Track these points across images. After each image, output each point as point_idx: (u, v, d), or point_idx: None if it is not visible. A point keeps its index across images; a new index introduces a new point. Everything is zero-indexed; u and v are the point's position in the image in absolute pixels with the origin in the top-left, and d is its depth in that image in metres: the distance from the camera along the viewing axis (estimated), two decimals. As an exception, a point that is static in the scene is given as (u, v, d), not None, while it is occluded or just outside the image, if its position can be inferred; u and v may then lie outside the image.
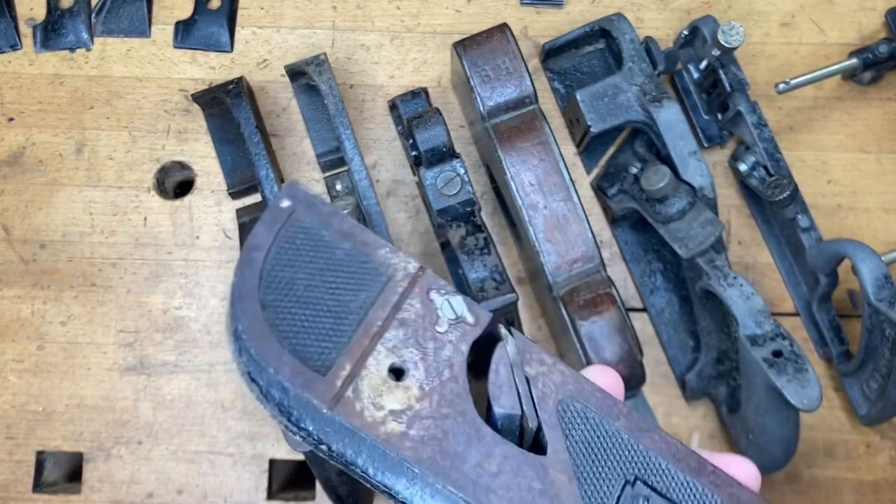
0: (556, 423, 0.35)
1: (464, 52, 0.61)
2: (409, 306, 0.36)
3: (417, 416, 0.33)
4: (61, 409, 0.65)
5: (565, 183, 0.59)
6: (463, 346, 0.35)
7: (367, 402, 0.33)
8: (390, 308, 0.35)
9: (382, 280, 0.36)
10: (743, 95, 0.65)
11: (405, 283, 0.36)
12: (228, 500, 0.64)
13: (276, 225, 0.36)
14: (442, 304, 0.36)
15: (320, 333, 0.34)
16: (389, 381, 0.34)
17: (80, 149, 0.69)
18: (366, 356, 0.34)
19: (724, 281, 0.57)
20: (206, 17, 0.71)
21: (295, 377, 0.33)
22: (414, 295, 0.36)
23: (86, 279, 0.67)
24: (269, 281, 0.35)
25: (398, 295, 0.36)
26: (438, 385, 0.34)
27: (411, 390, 0.34)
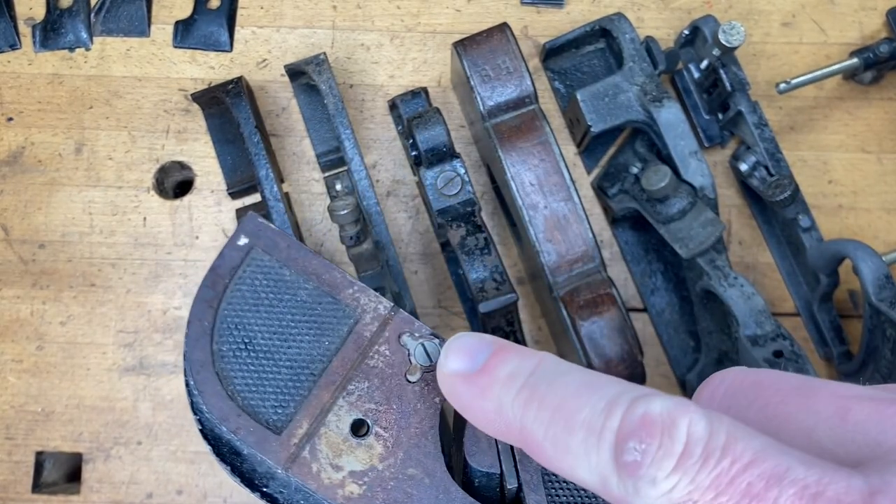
0: (538, 483, 0.32)
1: (464, 51, 0.61)
2: (378, 353, 0.33)
3: (380, 477, 0.31)
4: (60, 410, 0.65)
5: (566, 183, 0.59)
6: (436, 398, 0.32)
7: (325, 462, 0.31)
8: (356, 355, 0.32)
9: (349, 323, 0.33)
10: (744, 95, 0.65)
11: (374, 326, 0.33)
12: (228, 501, 0.64)
13: (234, 265, 0.33)
14: (416, 348, 0.33)
15: (277, 386, 0.32)
16: (351, 438, 0.31)
17: (79, 149, 0.69)
18: (326, 411, 0.31)
19: (724, 281, 0.57)
20: (205, 17, 0.71)
21: (248, 436, 0.31)
22: (383, 340, 0.33)
23: (85, 279, 0.67)
24: (223, 328, 0.32)
25: (366, 341, 0.33)
26: (405, 441, 0.31)
27: (374, 449, 0.31)
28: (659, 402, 0.25)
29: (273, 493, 0.32)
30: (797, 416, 0.29)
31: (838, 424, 0.28)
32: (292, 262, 0.34)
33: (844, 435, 0.28)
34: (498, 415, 0.28)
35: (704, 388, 0.32)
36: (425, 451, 0.31)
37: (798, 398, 0.29)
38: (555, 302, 0.58)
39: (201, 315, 0.32)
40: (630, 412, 0.25)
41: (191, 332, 0.32)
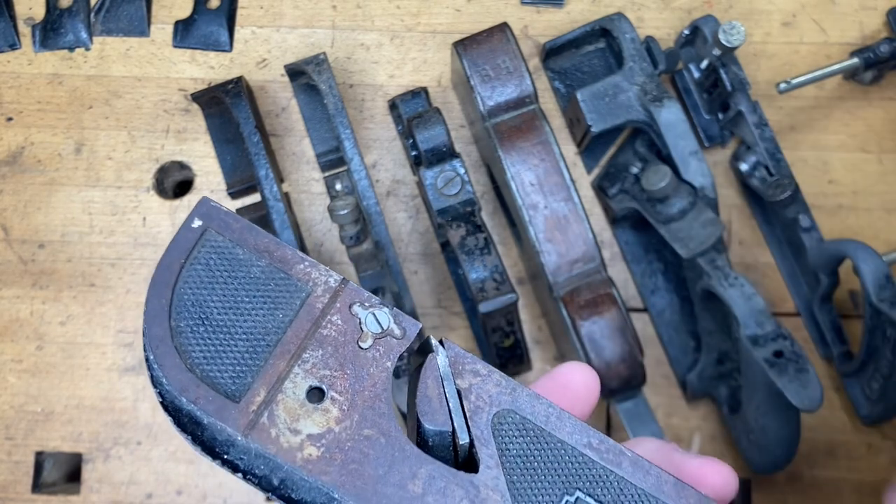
0: (489, 437, 0.33)
1: (464, 51, 0.61)
2: (330, 323, 0.34)
3: (337, 438, 0.32)
4: (60, 410, 0.65)
5: (566, 183, 0.59)
6: (387, 362, 0.34)
7: (283, 427, 0.32)
8: (309, 326, 0.34)
9: (301, 296, 0.34)
10: (744, 95, 0.64)
11: (325, 297, 0.34)
12: (228, 501, 0.64)
13: (188, 245, 0.34)
14: (366, 317, 0.34)
15: (234, 357, 0.33)
16: (307, 404, 0.33)
17: (78, 148, 0.69)
18: (282, 379, 0.33)
19: (724, 281, 0.57)
20: (205, 17, 0.71)
21: (207, 405, 0.32)
22: (335, 310, 0.34)
23: (85, 279, 0.67)
24: (181, 305, 0.34)
25: (318, 311, 0.34)
26: (360, 403, 0.33)
27: (330, 412, 0.33)
28: None
29: (234, 459, 0.34)
30: None
31: None
32: (244, 241, 0.35)
33: None
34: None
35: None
36: (380, 413, 0.33)
37: None
38: (555, 302, 0.58)
39: (159, 293, 0.34)
40: None
41: (149, 309, 0.33)
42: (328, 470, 0.32)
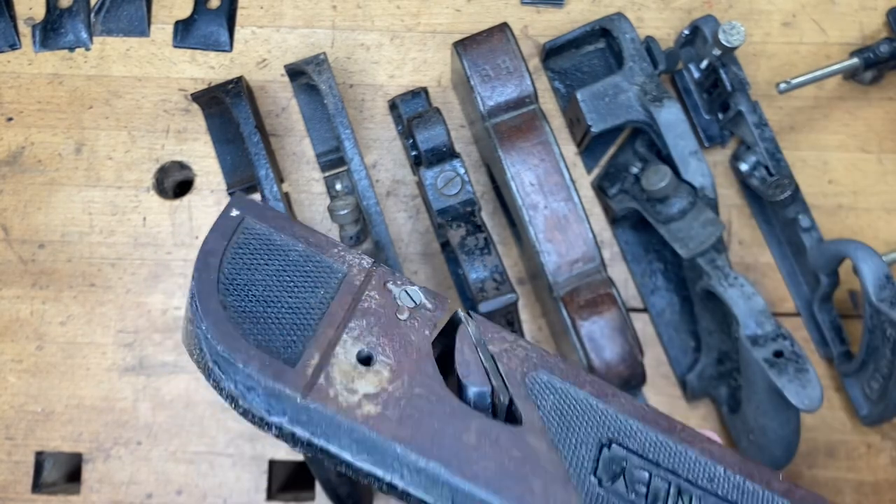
0: (525, 394, 0.36)
1: (464, 51, 0.61)
2: (369, 297, 0.37)
3: (391, 397, 0.34)
4: (60, 410, 0.65)
5: (566, 183, 0.59)
6: (426, 331, 0.36)
7: (340, 387, 0.34)
8: (350, 300, 0.36)
9: (339, 276, 0.37)
10: (744, 95, 0.64)
11: (361, 276, 0.37)
12: (228, 501, 0.64)
13: (228, 232, 0.37)
14: (399, 293, 0.37)
15: (284, 328, 0.35)
16: (360, 366, 0.34)
17: (79, 148, 0.69)
18: (333, 345, 0.35)
19: (724, 281, 0.57)
20: (205, 17, 0.71)
21: (264, 369, 0.33)
22: (372, 287, 0.37)
23: (85, 279, 0.67)
24: (228, 284, 0.36)
25: (356, 288, 0.37)
26: (408, 367, 0.35)
27: (382, 374, 0.34)
28: None
29: (289, 426, 0.34)
30: None
31: None
32: (281, 228, 0.38)
33: None
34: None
35: None
36: (427, 374, 0.35)
37: None
38: (555, 302, 0.58)
39: (206, 274, 0.36)
40: None
41: (199, 287, 0.35)
42: (388, 425, 0.33)
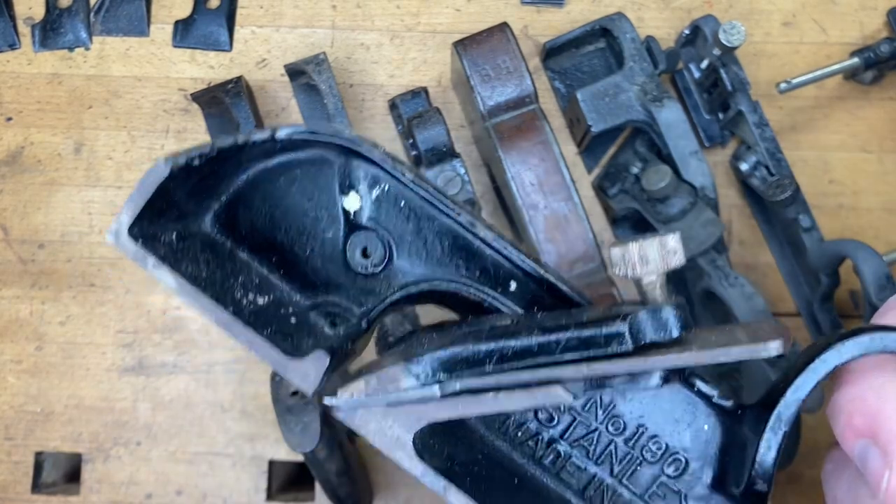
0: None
1: (464, 51, 0.61)
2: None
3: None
4: (60, 410, 0.65)
5: (566, 183, 0.59)
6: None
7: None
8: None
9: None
10: (744, 95, 0.64)
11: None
12: (228, 501, 0.64)
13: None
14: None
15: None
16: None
17: (78, 148, 0.69)
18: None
19: (725, 281, 0.57)
20: (205, 17, 0.71)
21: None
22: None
23: (84, 279, 0.67)
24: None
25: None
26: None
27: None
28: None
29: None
30: None
31: None
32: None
33: None
34: None
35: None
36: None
37: None
38: (555, 302, 0.58)
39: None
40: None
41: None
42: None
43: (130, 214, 0.31)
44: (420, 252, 0.36)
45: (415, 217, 0.35)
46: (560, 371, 0.31)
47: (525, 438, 0.35)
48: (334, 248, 0.36)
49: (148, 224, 0.32)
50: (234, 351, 0.66)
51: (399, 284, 0.36)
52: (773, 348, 0.30)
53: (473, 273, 0.35)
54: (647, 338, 0.31)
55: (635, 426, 0.35)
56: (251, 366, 0.65)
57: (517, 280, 0.35)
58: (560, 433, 0.35)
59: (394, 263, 0.36)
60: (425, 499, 0.65)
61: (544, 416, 0.35)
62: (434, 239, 0.36)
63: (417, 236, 0.36)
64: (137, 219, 0.31)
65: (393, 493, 0.65)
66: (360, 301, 0.36)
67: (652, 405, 0.35)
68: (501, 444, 0.34)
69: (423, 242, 0.36)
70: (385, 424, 0.33)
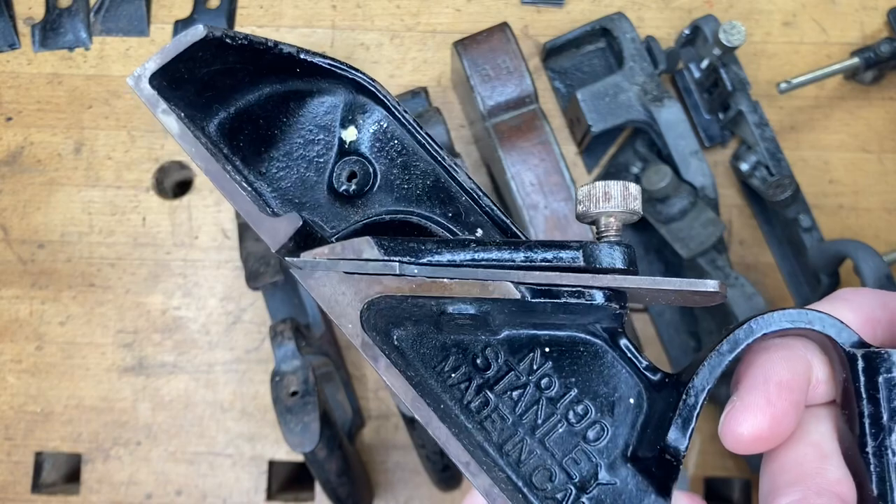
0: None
1: (464, 51, 0.61)
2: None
3: None
4: (60, 410, 0.65)
5: (566, 183, 0.59)
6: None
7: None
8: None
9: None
10: (744, 95, 0.64)
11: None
12: (228, 501, 0.64)
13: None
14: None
15: None
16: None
17: (78, 148, 0.69)
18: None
19: (725, 281, 0.57)
20: (204, 16, 0.71)
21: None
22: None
23: (84, 279, 0.67)
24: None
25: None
26: None
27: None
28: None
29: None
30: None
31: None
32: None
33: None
34: None
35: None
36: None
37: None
38: (555, 302, 0.58)
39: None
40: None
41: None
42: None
43: (157, 62, 0.34)
44: (401, 187, 0.38)
45: (404, 155, 0.38)
46: (514, 273, 0.33)
47: (457, 381, 0.36)
48: (322, 169, 0.38)
49: (166, 86, 0.34)
50: (233, 351, 0.66)
51: (374, 213, 0.39)
52: (711, 286, 0.32)
53: (446, 214, 0.38)
54: (597, 263, 0.33)
55: (564, 385, 0.35)
56: (251, 366, 0.65)
57: (484, 228, 0.37)
58: (491, 381, 0.36)
59: (373, 192, 0.39)
60: (425, 499, 0.65)
61: (481, 362, 0.35)
62: (417, 177, 0.38)
63: (402, 172, 0.38)
64: (159, 71, 0.34)
65: (393, 493, 0.65)
66: (333, 224, 0.39)
67: (583, 369, 0.36)
68: (434, 383, 0.35)
69: (405, 178, 0.38)
70: (338, 290, 0.35)
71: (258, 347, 0.66)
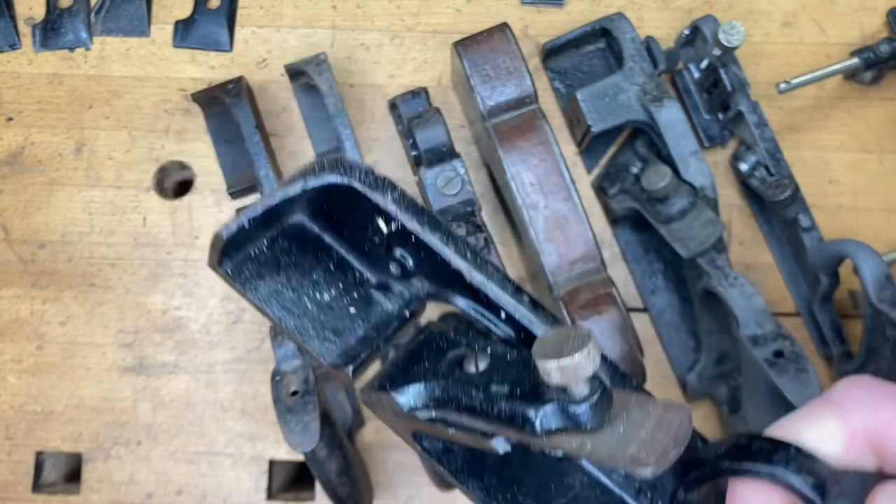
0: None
1: (464, 51, 0.61)
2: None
3: None
4: (60, 410, 0.65)
5: (566, 183, 0.59)
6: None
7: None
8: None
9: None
10: (744, 95, 0.64)
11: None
12: (228, 501, 0.64)
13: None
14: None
15: None
16: None
17: (79, 148, 0.69)
18: None
19: (725, 281, 0.57)
20: (205, 17, 0.71)
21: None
22: None
23: (85, 279, 0.67)
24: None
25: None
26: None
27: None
28: None
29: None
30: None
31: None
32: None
33: None
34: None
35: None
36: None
37: None
38: (555, 302, 0.58)
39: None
40: None
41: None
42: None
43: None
44: (429, 275, 0.40)
45: (423, 249, 0.39)
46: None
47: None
48: (380, 250, 0.41)
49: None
50: (234, 351, 0.66)
51: (416, 297, 0.41)
52: (645, 473, 0.31)
53: (469, 299, 0.39)
54: (554, 427, 0.33)
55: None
56: (251, 366, 0.66)
57: (505, 311, 0.39)
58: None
59: (412, 279, 0.41)
60: (425, 499, 0.65)
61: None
62: (437, 269, 0.39)
63: (423, 264, 0.40)
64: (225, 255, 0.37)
65: (393, 493, 0.65)
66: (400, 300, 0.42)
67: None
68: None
69: (430, 269, 0.40)
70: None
71: (258, 347, 0.66)
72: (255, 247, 0.39)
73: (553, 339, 0.31)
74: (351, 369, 0.38)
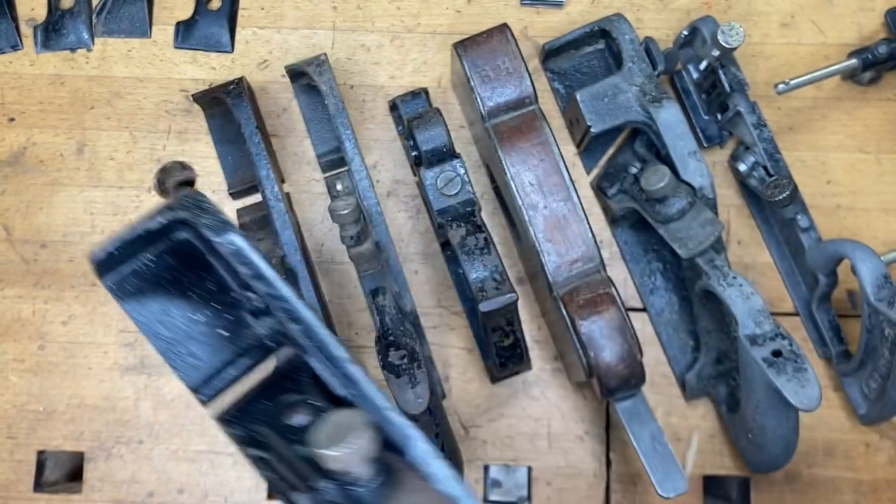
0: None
1: (464, 52, 0.61)
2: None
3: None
4: (62, 409, 0.65)
5: (565, 183, 0.59)
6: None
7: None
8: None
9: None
10: (742, 96, 0.65)
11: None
12: (229, 500, 0.64)
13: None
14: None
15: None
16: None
17: (80, 149, 0.69)
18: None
19: (723, 281, 0.57)
20: (206, 18, 0.71)
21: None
22: None
23: (86, 279, 0.67)
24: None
25: None
26: None
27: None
28: None
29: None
30: None
31: None
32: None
33: None
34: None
35: None
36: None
37: None
38: (554, 302, 0.58)
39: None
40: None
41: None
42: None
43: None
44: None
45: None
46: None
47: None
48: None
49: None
50: (235, 350, 0.66)
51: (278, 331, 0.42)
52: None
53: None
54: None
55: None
56: (252, 365, 0.66)
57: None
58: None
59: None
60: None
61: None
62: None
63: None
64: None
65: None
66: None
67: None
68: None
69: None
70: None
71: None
72: (139, 262, 0.40)
73: (332, 426, 0.33)
74: (205, 397, 0.40)
